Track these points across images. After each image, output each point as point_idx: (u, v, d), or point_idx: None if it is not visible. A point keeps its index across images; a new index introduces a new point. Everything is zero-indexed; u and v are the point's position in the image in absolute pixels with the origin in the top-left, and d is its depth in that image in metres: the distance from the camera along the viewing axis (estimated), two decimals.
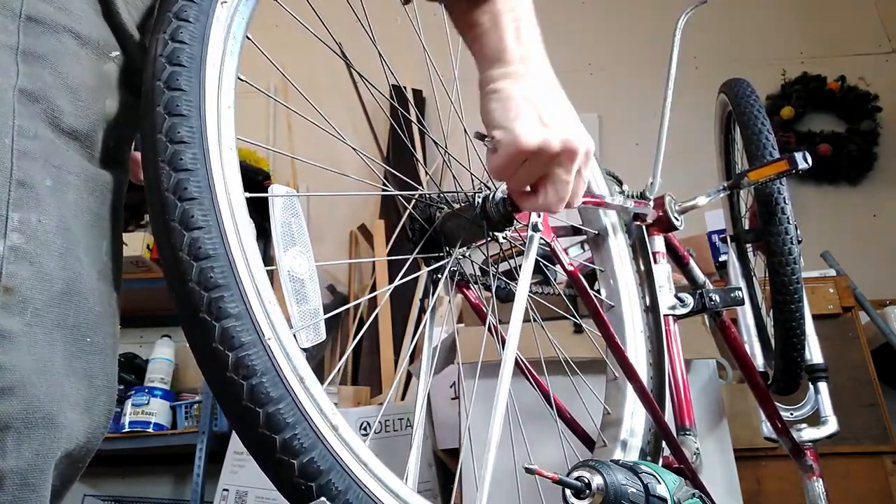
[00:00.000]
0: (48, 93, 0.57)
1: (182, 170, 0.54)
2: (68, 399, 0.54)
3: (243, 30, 0.66)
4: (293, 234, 0.64)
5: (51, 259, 0.54)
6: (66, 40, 0.59)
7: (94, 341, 0.58)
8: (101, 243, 0.61)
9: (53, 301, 0.54)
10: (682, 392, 1.09)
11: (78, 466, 0.58)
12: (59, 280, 0.55)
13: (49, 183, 0.55)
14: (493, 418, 0.70)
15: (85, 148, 0.60)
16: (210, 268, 0.52)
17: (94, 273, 0.59)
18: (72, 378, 0.55)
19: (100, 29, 0.63)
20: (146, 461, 2.96)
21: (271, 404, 0.52)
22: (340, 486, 0.53)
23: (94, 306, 0.58)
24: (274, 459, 0.52)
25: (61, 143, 0.58)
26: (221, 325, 0.52)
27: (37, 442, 0.51)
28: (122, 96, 0.64)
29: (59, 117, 0.57)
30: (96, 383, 0.58)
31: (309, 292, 0.62)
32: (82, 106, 0.60)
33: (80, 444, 0.56)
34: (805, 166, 1.21)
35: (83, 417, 0.56)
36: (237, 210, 0.56)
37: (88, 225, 0.59)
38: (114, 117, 0.64)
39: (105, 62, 0.63)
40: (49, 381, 0.52)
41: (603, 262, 1.20)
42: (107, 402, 0.59)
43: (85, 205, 0.59)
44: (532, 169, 0.72)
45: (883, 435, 1.94)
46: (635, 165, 1.71)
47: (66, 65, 0.59)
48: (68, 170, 0.58)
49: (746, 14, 3.72)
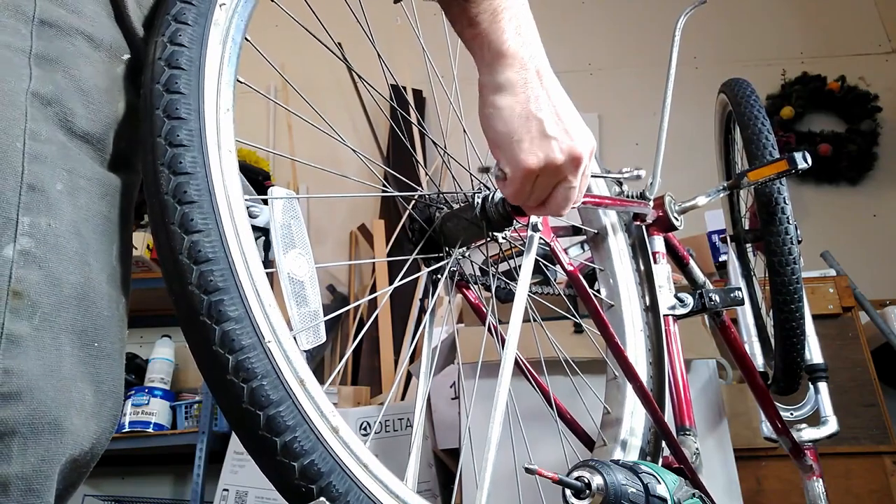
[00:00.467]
0: (61, 96, 0.57)
1: (182, 173, 0.54)
2: (75, 404, 0.54)
3: (242, 32, 0.66)
4: (293, 236, 0.64)
5: (60, 263, 0.54)
6: (78, 43, 0.59)
7: (101, 346, 0.57)
8: (111, 247, 0.61)
9: (62, 306, 0.54)
10: (682, 392, 1.08)
11: (82, 471, 0.58)
12: (69, 285, 0.54)
13: (60, 187, 0.55)
14: (493, 418, 0.70)
15: (97, 151, 0.60)
16: (210, 271, 0.53)
17: (104, 277, 0.59)
18: (79, 383, 0.55)
19: (112, 32, 0.63)
20: (146, 461, 2.96)
21: (272, 407, 0.52)
22: (341, 489, 0.53)
23: (103, 311, 0.58)
24: (274, 462, 0.52)
25: (74, 147, 0.58)
26: (222, 329, 0.52)
27: (42, 447, 0.51)
28: (132, 99, 0.64)
29: (71, 120, 0.57)
30: (103, 388, 0.58)
31: (309, 294, 0.62)
32: (94, 109, 0.59)
33: (85, 450, 0.56)
34: (805, 166, 1.21)
35: (89, 423, 0.56)
36: (237, 213, 0.56)
37: (99, 229, 0.59)
38: (125, 120, 0.63)
39: (117, 65, 0.63)
40: (56, 386, 0.52)
41: (602, 261, 1.20)
42: (113, 407, 0.59)
43: (96, 209, 0.59)
44: (544, 183, 0.73)
45: (883, 435, 1.94)
46: (635, 165, 1.71)
47: (79, 67, 0.59)
48: (80, 173, 0.58)
49: (746, 14, 3.72)
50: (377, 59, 0.90)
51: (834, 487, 1.52)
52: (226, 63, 0.62)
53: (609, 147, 3.39)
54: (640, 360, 1.10)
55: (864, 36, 3.67)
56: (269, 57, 0.72)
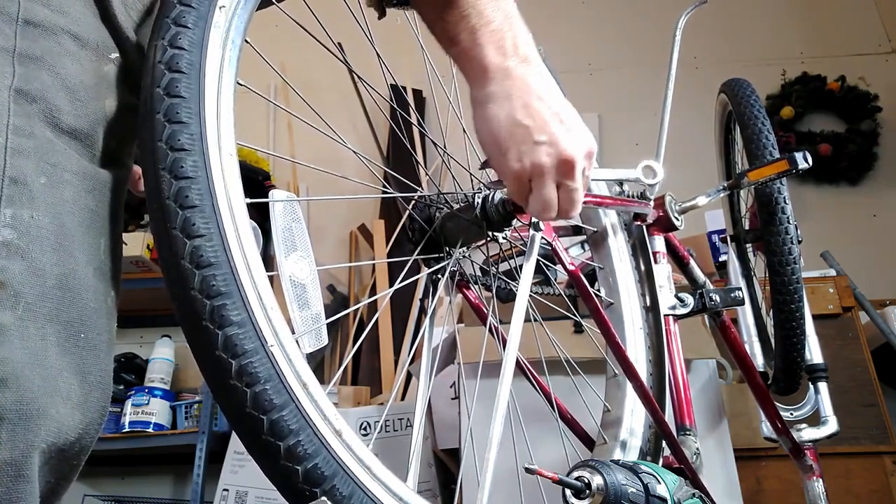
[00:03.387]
0: (46, 93, 0.57)
1: (183, 177, 0.54)
2: (61, 393, 0.54)
3: (242, 34, 0.66)
4: (294, 239, 0.64)
5: (43, 254, 0.54)
6: (64, 42, 0.60)
7: (88, 337, 0.58)
8: (99, 241, 0.61)
9: (46, 296, 0.54)
10: (682, 392, 1.08)
11: (73, 464, 0.59)
12: (52, 275, 0.55)
13: (43, 180, 0.56)
14: (493, 418, 0.70)
15: (85, 147, 0.60)
16: (212, 276, 0.53)
17: (90, 270, 0.59)
18: (65, 373, 0.55)
19: (98, 31, 0.64)
20: (146, 461, 2.96)
21: (275, 411, 0.52)
22: (345, 492, 0.54)
23: (89, 303, 0.58)
24: (279, 466, 0.52)
25: (60, 143, 0.58)
26: (224, 333, 0.52)
27: (31, 434, 0.51)
28: (122, 97, 0.65)
29: (58, 117, 0.58)
30: (90, 379, 0.58)
31: (310, 297, 0.62)
32: (81, 105, 0.60)
33: (72, 440, 0.56)
34: (805, 166, 1.21)
35: (76, 413, 0.56)
36: (238, 217, 0.56)
37: (86, 223, 0.60)
38: (114, 118, 0.64)
39: (105, 63, 0.64)
40: (42, 374, 0.53)
41: (603, 261, 1.20)
42: (101, 398, 0.60)
43: (83, 203, 0.59)
44: (540, 187, 0.73)
45: (883, 435, 1.94)
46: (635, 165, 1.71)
47: (65, 66, 0.59)
48: (65, 168, 0.58)
49: (746, 14, 3.72)
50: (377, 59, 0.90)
51: (834, 487, 1.52)
52: (226, 66, 0.62)
53: (609, 147, 3.39)
54: (640, 359, 1.10)
55: (864, 36, 3.67)
56: (269, 57, 0.72)
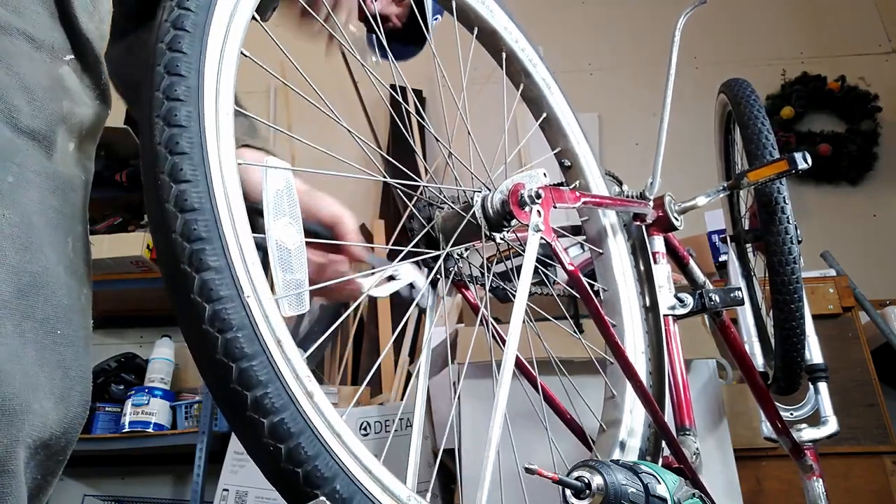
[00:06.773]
0: (4, 92, 0.57)
1: (182, 181, 0.54)
2: (43, 388, 0.55)
3: (240, 40, 0.65)
4: (285, 205, 0.64)
5: (17, 253, 0.54)
6: (19, 42, 0.59)
7: (65, 333, 0.58)
8: (66, 240, 0.62)
9: (21, 294, 0.54)
10: (682, 392, 1.08)
11: (58, 459, 0.59)
12: (26, 273, 0.55)
13: (11, 179, 0.56)
14: (493, 418, 0.70)
15: (44, 148, 0.60)
16: (213, 279, 0.53)
17: (61, 268, 0.60)
18: (45, 369, 0.55)
19: (53, 32, 0.63)
20: (146, 461, 2.96)
21: (275, 414, 0.52)
22: (345, 493, 0.54)
23: (63, 300, 0.59)
24: (279, 468, 0.53)
25: (21, 143, 0.58)
26: (224, 338, 0.52)
27: (15, 429, 0.51)
28: (79, 99, 0.65)
29: (16, 117, 0.58)
30: (71, 374, 0.58)
31: (294, 263, 0.62)
32: (38, 106, 0.60)
33: (57, 435, 0.56)
34: (805, 166, 1.20)
35: (58, 407, 0.56)
36: (238, 220, 0.56)
37: (52, 222, 0.60)
38: (73, 119, 0.63)
39: (59, 65, 0.63)
40: (23, 370, 0.53)
41: (602, 261, 1.20)
42: (82, 392, 0.60)
43: (48, 202, 0.59)
44: None
45: (883, 435, 1.94)
46: (635, 165, 1.72)
47: (21, 65, 0.59)
48: (29, 167, 0.58)
49: (746, 14, 3.72)
50: None
51: (834, 487, 1.52)
52: (224, 71, 0.62)
53: (609, 147, 3.39)
54: (639, 360, 1.10)
55: (864, 36, 3.67)
56: (270, 56, 0.72)
